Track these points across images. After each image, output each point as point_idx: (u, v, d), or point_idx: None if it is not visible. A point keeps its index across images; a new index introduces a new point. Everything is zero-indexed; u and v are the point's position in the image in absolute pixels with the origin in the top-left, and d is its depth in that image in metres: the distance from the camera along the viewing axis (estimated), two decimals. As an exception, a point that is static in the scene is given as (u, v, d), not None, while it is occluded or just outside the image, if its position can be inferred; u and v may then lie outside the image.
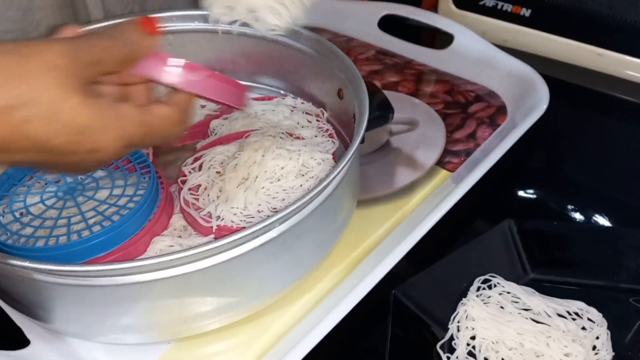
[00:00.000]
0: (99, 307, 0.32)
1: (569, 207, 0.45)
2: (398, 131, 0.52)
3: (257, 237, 0.32)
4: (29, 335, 0.35)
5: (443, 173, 0.48)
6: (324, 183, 0.33)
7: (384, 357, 0.35)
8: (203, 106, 0.48)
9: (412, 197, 0.46)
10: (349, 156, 0.35)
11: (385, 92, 0.57)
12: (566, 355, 0.34)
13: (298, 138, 0.43)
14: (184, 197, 0.38)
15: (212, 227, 0.36)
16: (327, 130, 0.45)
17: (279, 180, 0.39)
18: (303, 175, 0.39)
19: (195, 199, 0.38)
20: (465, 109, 0.55)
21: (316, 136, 0.44)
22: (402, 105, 0.55)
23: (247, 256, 0.32)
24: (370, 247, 0.42)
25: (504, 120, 0.53)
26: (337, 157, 0.42)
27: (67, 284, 0.30)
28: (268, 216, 0.31)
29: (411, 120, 0.53)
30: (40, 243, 0.34)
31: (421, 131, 0.52)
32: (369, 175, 0.48)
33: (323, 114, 0.47)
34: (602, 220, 0.43)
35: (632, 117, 0.56)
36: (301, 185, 0.38)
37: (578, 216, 0.43)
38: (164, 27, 0.50)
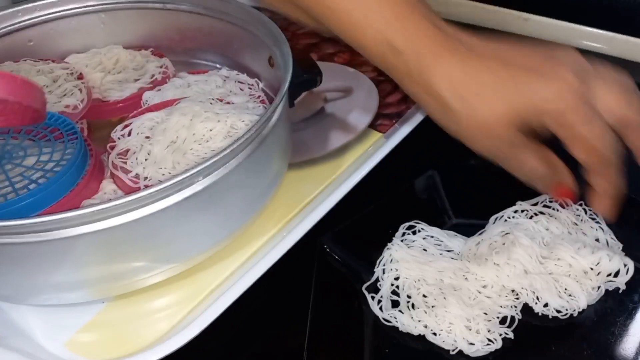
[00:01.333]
0: (27, 266, 0.33)
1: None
2: (332, 98, 0.54)
3: (180, 189, 0.33)
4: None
5: (375, 134, 0.50)
6: (247, 135, 0.34)
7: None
8: (137, 80, 0.49)
9: (345, 159, 0.48)
10: (271, 109, 0.36)
11: (321, 62, 0.58)
12: (483, 286, 0.36)
13: (228, 103, 0.44)
14: (112, 161, 0.39)
15: (139, 187, 0.37)
16: (259, 97, 0.47)
17: (207, 142, 0.40)
18: (231, 136, 0.40)
19: (124, 162, 0.39)
20: (398, 75, 0.57)
21: (247, 102, 0.45)
22: (337, 74, 0.57)
23: (172, 209, 0.33)
24: (305, 206, 0.44)
25: (435, 84, 0.55)
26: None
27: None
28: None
29: (345, 88, 0.55)
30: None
31: (355, 97, 0.54)
32: (304, 139, 0.49)
33: (258, 84, 0.48)
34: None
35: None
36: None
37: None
38: (96, 5, 0.51)
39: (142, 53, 0.52)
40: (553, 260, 0.37)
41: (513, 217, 0.40)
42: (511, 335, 0.34)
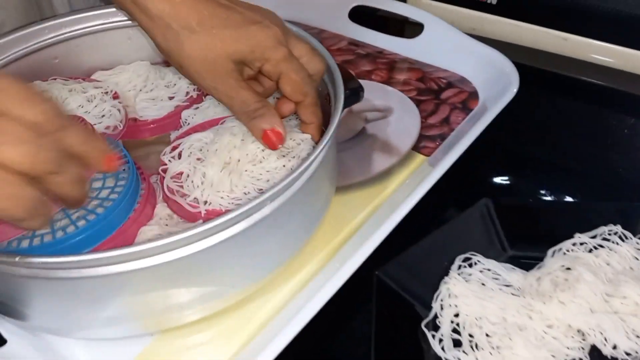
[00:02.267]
0: (78, 300, 0.31)
1: (540, 186, 0.46)
2: (373, 118, 0.52)
3: (250, 215, 0.32)
4: (5, 334, 0.34)
5: (419, 157, 0.49)
6: (310, 159, 0.33)
7: (369, 338, 0.35)
8: (171, 97, 0.47)
9: (390, 182, 0.47)
10: (330, 131, 0.35)
11: (359, 80, 0.57)
12: (549, 326, 0.35)
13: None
14: (167, 185, 0.37)
15: (200, 212, 0.36)
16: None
17: (261, 162, 0.38)
18: (284, 156, 0.39)
19: (180, 186, 0.37)
20: (438, 95, 0.55)
21: (291, 119, 0.44)
22: (376, 93, 0.55)
23: (229, 242, 0.32)
24: (351, 233, 0.42)
25: (476, 104, 0.54)
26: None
27: (45, 277, 0.29)
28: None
29: (385, 107, 0.54)
30: (25, 244, 0.32)
31: (396, 118, 0.53)
32: (346, 162, 0.48)
33: None
34: (570, 198, 0.45)
35: (597, 98, 0.58)
36: (284, 166, 0.37)
37: (548, 195, 0.44)
38: (123, 20, 0.50)
39: (172, 69, 0.51)
40: (619, 298, 0.35)
41: (572, 250, 0.39)
42: (581, 379, 0.33)
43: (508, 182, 0.47)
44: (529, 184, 0.45)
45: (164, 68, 0.50)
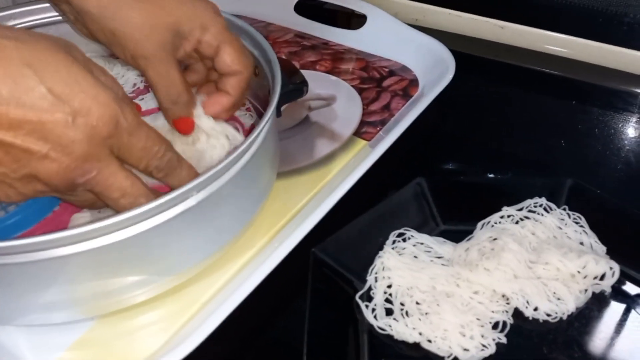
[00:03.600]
0: (15, 286, 0.32)
1: (472, 165, 0.48)
2: (316, 107, 0.54)
3: (174, 205, 0.32)
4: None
5: (360, 142, 0.50)
6: (242, 147, 0.34)
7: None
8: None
9: (332, 166, 0.48)
10: (264, 122, 0.36)
11: (304, 71, 0.59)
12: (475, 293, 0.37)
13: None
14: None
15: None
16: (246, 106, 0.46)
17: (194, 144, 0.39)
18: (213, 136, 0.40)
19: None
20: (380, 83, 0.57)
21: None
22: (320, 82, 0.57)
23: (165, 226, 0.32)
24: (293, 215, 0.44)
25: (416, 91, 0.56)
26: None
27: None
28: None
29: (329, 96, 0.55)
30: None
31: (339, 105, 0.54)
32: (289, 148, 0.49)
33: None
34: (500, 175, 0.47)
35: (533, 84, 0.60)
36: (215, 147, 0.39)
37: (479, 173, 0.46)
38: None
39: (121, 62, 0.51)
40: (541, 264, 0.38)
41: (500, 222, 0.41)
42: (504, 340, 0.35)
43: (444, 161, 0.49)
44: (463, 163, 0.47)
45: (113, 59, 0.51)
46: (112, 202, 0.31)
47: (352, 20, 0.66)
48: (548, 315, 0.36)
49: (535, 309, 0.36)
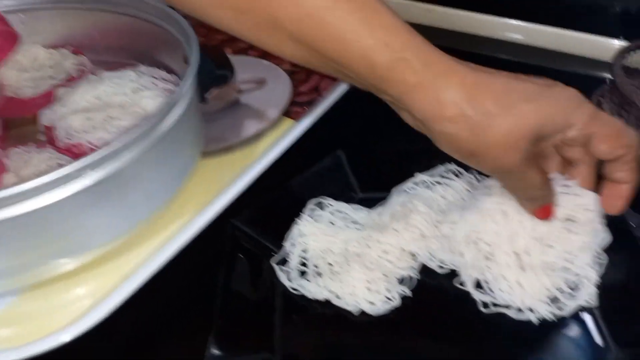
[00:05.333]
0: None
1: (391, 137, 0.50)
2: (247, 89, 0.56)
3: (67, 183, 0.32)
4: None
5: (288, 121, 0.52)
6: (138, 131, 0.34)
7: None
8: (52, 77, 0.49)
9: (259, 145, 0.50)
10: (168, 106, 0.37)
11: (236, 56, 0.60)
12: (384, 252, 0.39)
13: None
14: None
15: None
16: (171, 90, 0.48)
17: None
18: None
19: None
20: (311, 66, 0.59)
21: (160, 97, 0.46)
22: (252, 66, 0.58)
23: (66, 202, 0.33)
24: (219, 191, 0.45)
25: (345, 72, 0.58)
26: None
27: None
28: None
29: (259, 79, 0.57)
30: None
31: (269, 88, 0.56)
32: (218, 129, 0.51)
33: (174, 80, 0.49)
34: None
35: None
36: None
37: (397, 145, 0.48)
38: (15, 5, 0.51)
39: (60, 51, 0.52)
40: (448, 223, 0.40)
41: (412, 188, 0.43)
42: (409, 293, 0.37)
43: (363, 136, 0.51)
44: (380, 135, 0.49)
45: (53, 50, 0.52)
46: None
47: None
48: (453, 270, 0.38)
49: (441, 262, 0.38)
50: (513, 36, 0.64)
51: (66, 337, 0.34)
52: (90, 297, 0.38)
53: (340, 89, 0.52)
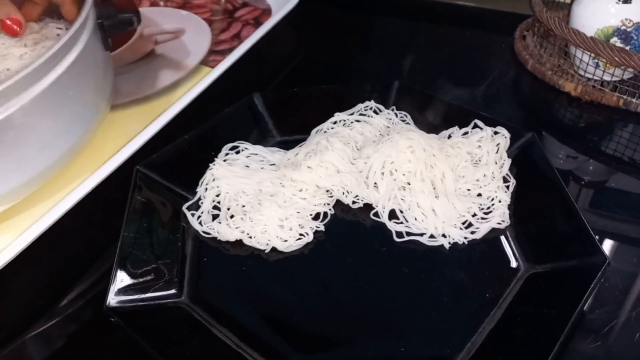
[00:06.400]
0: None
1: (309, 79, 0.49)
2: (163, 40, 0.53)
3: None
4: None
5: (206, 70, 0.50)
6: (29, 69, 0.33)
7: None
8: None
9: (175, 94, 0.48)
10: (56, 48, 0.35)
11: (153, 8, 0.58)
12: (299, 190, 0.38)
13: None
14: None
15: None
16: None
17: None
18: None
19: None
20: (232, 14, 0.57)
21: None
22: (170, 17, 0.56)
23: None
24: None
25: (268, 20, 0.56)
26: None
27: None
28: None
29: (176, 30, 0.55)
30: None
31: (187, 38, 0.54)
32: (132, 80, 0.49)
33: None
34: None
35: (376, 8, 0.62)
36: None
37: (315, 84, 0.47)
38: None
39: None
40: (363, 159, 0.39)
41: (332, 127, 0.42)
42: (322, 228, 0.36)
43: (281, 79, 0.50)
44: (299, 78, 0.48)
45: None
46: None
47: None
48: (368, 202, 0.38)
49: (355, 198, 0.38)
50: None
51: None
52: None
53: (258, 34, 0.50)
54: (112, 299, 0.31)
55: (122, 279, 0.32)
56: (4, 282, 0.34)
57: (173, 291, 0.33)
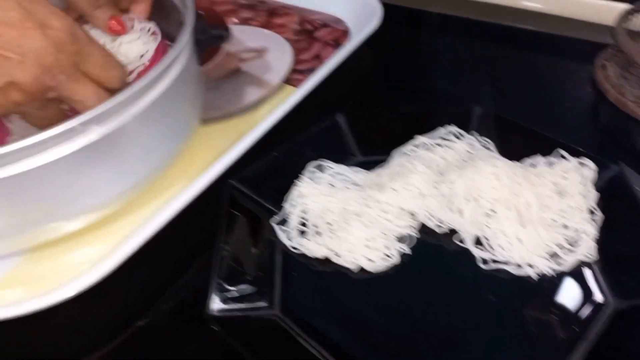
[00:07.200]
0: None
1: (391, 100, 0.50)
2: (248, 57, 0.56)
3: (75, 136, 0.33)
4: None
5: (289, 89, 0.52)
6: (143, 83, 0.35)
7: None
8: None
9: (260, 111, 0.50)
10: (170, 58, 0.37)
11: (239, 26, 0.60)
12: (383, 211, 0.39)
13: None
14: None
15: None
16: (152, 31, 0.46)
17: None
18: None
19: None
20: (312, 34, 0.59)
21: (139, 39, 0.44)
22: (254, 36, 0.58)
23: (69, 159, 0.33)
24: (220, 156, 0.46)
25: (346, 41, 0.58)
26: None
27: None
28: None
29: (261, 48, 0.57)
30: None
31: (270, 56, 0.56)
32: (219, 96, 0.51)
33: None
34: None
35: (453, 29, 0.63)
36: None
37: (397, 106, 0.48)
38: None
39: None
40: (446, 183, 0.40)
41: (413, 150, 0.43)
42: (408, 251, 0.37)
43: (363, 99, 0.51)
44: (380, 99, 0.50)
45: None
46: (79, 105, 0.35)
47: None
48: (452, 230, 0.38)
49: (440, 222, 0.38)
50: (526, 3, 0.63)
51: (70, 292, 0.34)
52: (93, 258, 0.38)
53: (341, 55, 0.52)
54: (212, 307, 0.33)
55: (220, 288, 0.34)
56: (103, 286, 0.36)
57: (266, 303, 0.35)
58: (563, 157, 0.41)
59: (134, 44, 0.42)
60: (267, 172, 0.42)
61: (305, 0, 0.63)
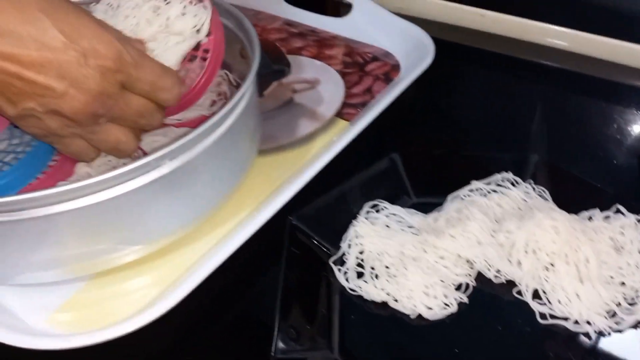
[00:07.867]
0: (4, 245, 0.34)
1: (447, 142, 0.51)
2: (301, 89, 0.56)
3: (147, 172, 0.34)
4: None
5: (342, 122, 0.53)
6: (214, 120, 0.36)
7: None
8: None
9: (313, 144, 0.51)
10: (238, 95, 0.38)
11: (290, 56, 0.61)
12: (441, 257, 0.39)
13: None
14: None
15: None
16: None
17: None
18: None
19: None
20: (363, 67, 0.60)
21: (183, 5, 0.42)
22: (306, 67, 0.59)
23: (140, 191, 0.34)
24: (276, 189, 0.46)
25: (397, 75, 0.58)
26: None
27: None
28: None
29: (313, 79, 0.58)
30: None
31: (322, 88, 0.57)
32: (273, 128, 0.52)
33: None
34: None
35: (509, 69, 0.63)
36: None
37: (453, 149, 0.49)
38: None
39: None
40: (503, 232, 0.40)
41: (468, 195, 0.44)
42: (466, 300, 0.37)
43: (418, 139, 0.52)
44: (436, 140, 0.50)
45: None
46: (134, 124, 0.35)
47: (339, 8, 0.68)
48: (509, 280, 0.38)
49: (497, 272, 0.39)
50: (557, 42, 0.63)
51: (130, 327, 0.35)
52: (154, 286, 0.39)
53: (396, 92, 0.52)
54: (277, 349, 0.33)
55: (284, 329, 0.35)
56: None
57: (325, 345, 0.35)
58: (620, 212, 0.41)
59: (186, 18, 0.40)
60: (324, 210, 0.42)
61: (355, 32, 0.64)
